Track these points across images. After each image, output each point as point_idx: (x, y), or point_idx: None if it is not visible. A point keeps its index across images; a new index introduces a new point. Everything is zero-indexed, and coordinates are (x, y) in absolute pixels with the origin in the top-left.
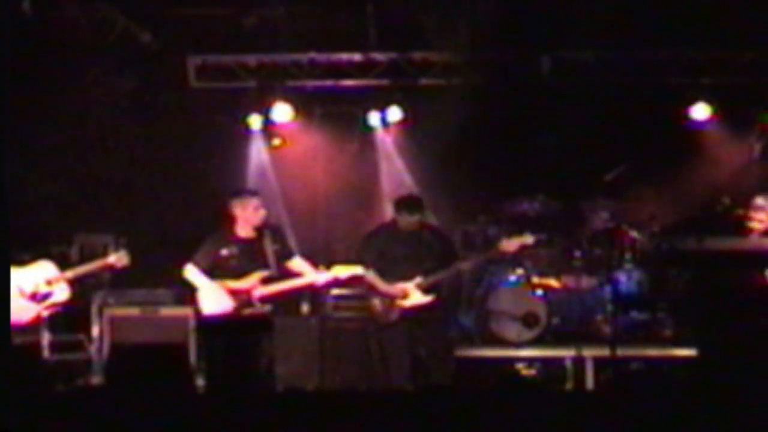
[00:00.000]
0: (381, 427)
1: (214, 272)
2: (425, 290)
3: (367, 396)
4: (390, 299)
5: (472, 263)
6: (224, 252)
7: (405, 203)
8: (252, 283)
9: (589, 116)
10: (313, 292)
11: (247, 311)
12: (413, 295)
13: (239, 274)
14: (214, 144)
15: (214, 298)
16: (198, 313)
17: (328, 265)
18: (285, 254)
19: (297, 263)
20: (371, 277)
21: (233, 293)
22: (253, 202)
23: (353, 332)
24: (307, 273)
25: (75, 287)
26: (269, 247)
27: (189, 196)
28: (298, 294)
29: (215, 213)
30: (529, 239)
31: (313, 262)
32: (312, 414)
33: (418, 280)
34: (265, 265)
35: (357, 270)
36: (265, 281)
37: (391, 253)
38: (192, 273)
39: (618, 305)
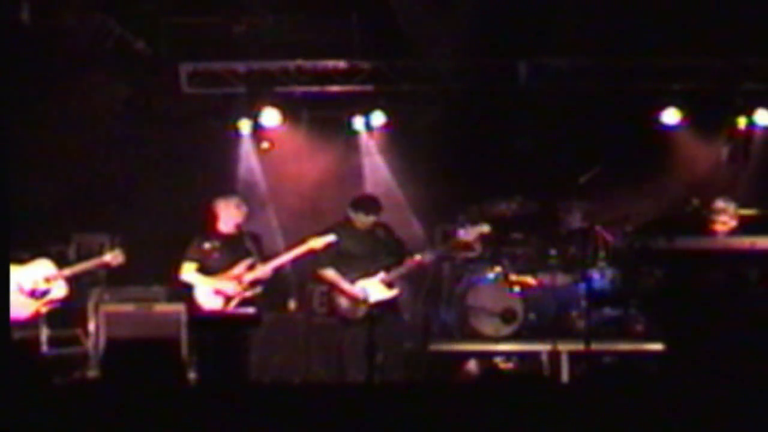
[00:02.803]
0: (365, 418)
1: (200, 267)
2: (389, 285)
3: (352, 388)
4: (354, 299)
5: (434, 255)
6: (206, 246)
7: (363, 204)
8: (240, 271)
9: (564, 120)
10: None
11: (240, 297)
12: (378, 290)
13: (221, 268)
14: (206, 147)
15: (211, 295)
16: (193, 309)
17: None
18: (260, 257)
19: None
20: (332, 275)
21: (225, 286)
22: (235, 199)
23: (338, 328)
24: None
25: (72, 284)
26: (249, 244)
27: (181, 197)
28: (285, 291)
29: (206, 213)
30: (485, 228)
31: (301, 259)
32: (298, 405)
33: (382, 275)
34: (247, 256)
35: (330, 238)
36: (251, 267)
37: (349, 251)
38: (189, 274)
39: (592, 302)
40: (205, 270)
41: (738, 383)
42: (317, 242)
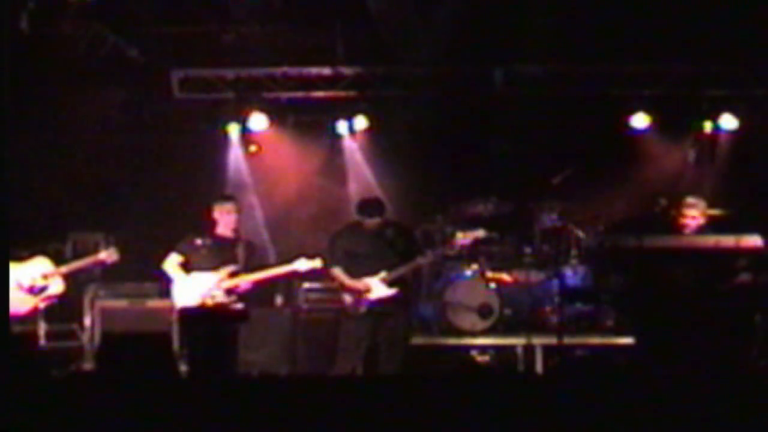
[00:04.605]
0: (349, 409)
1: (186, 262)
2: (390, 283)
3: (336, 381)
4: (357, 293)
5: (432, 257)
6: (198, 242)
7: (366, 206)
8: (221, 275)
9: (538, 124)
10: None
11: (215, 302)
12: (379, 288)
13: (207, 267)
14: (196, 150)
15: (187, 290)
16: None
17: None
18: (246, 268)
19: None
20: (338, 273)
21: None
22: (227, 206)
23: (323, 322)
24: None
25: (69, 281)
26: (241, 253)
27: (173, 198)
28: (272, 287)
29: (197, 213)
30: (481, 233)
31: (287, 259)
32: (285, 397)
33: (383, 274)
34: (233, 263)
35: (316, 263)
36: (233, 275)
37: (357, 251)
38: (171, 265)
39: (564, 297)
40: (190, 266)
41: (703, 375)
42: (303, 265)
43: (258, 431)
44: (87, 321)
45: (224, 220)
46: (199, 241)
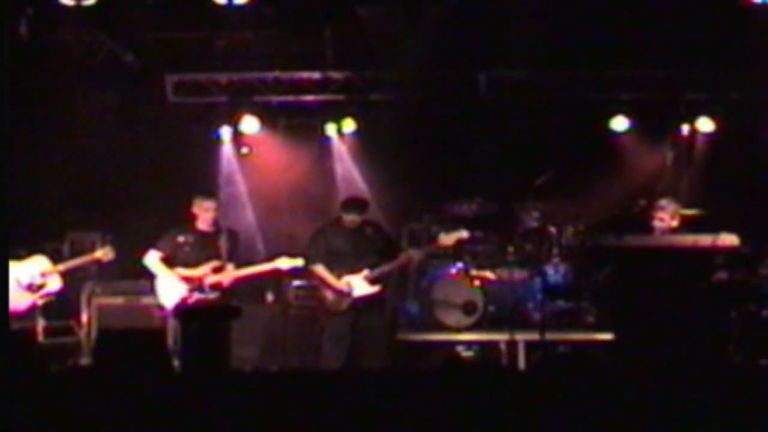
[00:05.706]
0: (338, 403)
1: (170, 258)
2: (372, 281)
3: (326, 376)
4: (340, 292)
5: (417, 256)
6: (180, 239)
7: (353, 204)
8: (204, 271)
9: (521, 128)
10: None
11: (198, 297)
12: (361, 286)
13: (191, 262)
14: (190, 152)
15: (170, 286)
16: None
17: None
18: (231, 257)
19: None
20: (320, 271)
21: (186, 280)
22: (206, 203)
23: (312, 319)
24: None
25: (66, 279)
26: (223, 244)
27: (167, 198)
28: (263, 285)
29: (187, 211)
30: (464, 234)
31: (277, 257)
32: (275, 391)
33: (366, 272)
34: (216, 257)
35: (297, 262)
36: (217, 270)
37: (338, 248)
38: (151, 261)
39: (546, 295)
40: (174, 262)
41: (681, 369)
42: (284, 263)
43: (250, 425)
44: (84, 317)
45: (203, 216)
46: (181, 238)
